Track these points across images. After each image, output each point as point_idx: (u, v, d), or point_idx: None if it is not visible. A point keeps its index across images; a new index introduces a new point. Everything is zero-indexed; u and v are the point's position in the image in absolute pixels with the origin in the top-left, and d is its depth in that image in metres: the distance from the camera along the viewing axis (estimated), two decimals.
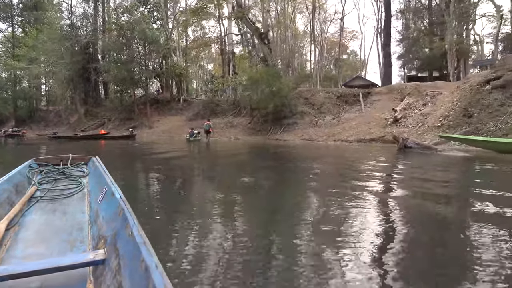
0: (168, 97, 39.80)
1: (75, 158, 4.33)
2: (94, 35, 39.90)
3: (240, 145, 19.91)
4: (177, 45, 39.38)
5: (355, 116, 22.42)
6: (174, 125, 32.84)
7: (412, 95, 20.88)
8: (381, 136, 18.08)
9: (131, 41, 33.12)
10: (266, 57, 25.75)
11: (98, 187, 3.16)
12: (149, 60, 35.25)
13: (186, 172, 9.58)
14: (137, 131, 32.26)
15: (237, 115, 30.39)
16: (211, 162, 12.49)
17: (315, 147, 17.79)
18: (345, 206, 4.61)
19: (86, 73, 39.26)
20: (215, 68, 61.76)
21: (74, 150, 5.83)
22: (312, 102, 25.18)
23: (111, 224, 2.29)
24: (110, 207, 2.51)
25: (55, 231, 2.48)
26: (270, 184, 7.09)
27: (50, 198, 3.13)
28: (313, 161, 11.34)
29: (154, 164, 11.42)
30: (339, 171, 9.10)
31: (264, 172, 8.99)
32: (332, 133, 21.03)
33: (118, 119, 37.06)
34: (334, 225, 3.76)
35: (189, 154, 16.27)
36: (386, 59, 35.17)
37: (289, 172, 9.05)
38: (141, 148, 20.00)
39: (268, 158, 13.05)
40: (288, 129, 23.94)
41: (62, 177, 3.69)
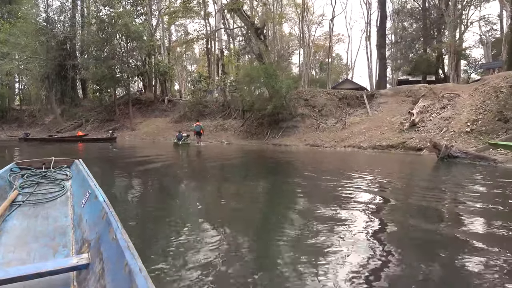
0: (152, 97, 37.58)
1: (58, 161, 4.24)
2: (72, 30, 37.24)
3: (234, 151, 18.02)
4: (161, 42, 37.24)
5: (361, 120, 20.85)
6: (158, 127, 30.73)
7: (427, 97, 19.45)
8: (400, 142, 16.40)
9: (112, 36, 30.78)
10: (262, 54, 23.95)
11: (81, 191, 3.15)
12: (131, 57, 32.94)
13: (174, 192, 7.63)
14: (118, 133, 30.06)
15: (227, 117, 28.53)
16: (204, 174, 10.58)
17: (325, 154, 16.02)
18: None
19: (63, 71, 36.54)
20: (199, 69, 59.67)
21: (45, 155, 5.05)
22: (313, 104, 23.48)
23: (94, 228, 2.29)
24: (94, 211, 2.51)
25: (37, 236, 2.46)
26: (284, 220, 4.87)
27: (32, 202, 3.08)
28: (334, 175, 9.28)
29: (138, 177, 9.49)
30: (386, 198, 6.38)
31: (273, 196, 6.85)
32: (340, 138, 19.34)
33: (97, 120, 34.61)
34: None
35: (177, 161, 14.35)
36: (381, 62, 33.86)
37: (308, 195, 6.69)
38: (123, 153, 17.93)
39: (272, 170, 11.19)
40: (287, 133, 22.16)
41: (44, 181, 3.62)
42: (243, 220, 4.86)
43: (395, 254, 3.42)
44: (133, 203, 5.96)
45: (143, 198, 6.60)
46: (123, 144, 25.17)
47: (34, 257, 2.19)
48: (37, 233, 2.52)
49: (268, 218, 5.05)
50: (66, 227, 2.63)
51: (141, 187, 7.89)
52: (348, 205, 5.45)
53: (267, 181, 8.61)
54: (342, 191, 6.72)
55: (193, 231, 4.15)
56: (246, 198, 6.51)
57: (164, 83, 37.05)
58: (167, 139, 26.94)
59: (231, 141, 23.19)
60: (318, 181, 8.07)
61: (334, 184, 7.51)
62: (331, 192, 6.74)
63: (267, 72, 21.53)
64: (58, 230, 2.58)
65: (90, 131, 32.39)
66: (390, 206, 5.75)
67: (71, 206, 3.06)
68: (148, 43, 32.25)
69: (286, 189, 7.34)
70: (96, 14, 31.23)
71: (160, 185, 8.31)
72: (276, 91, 21.39)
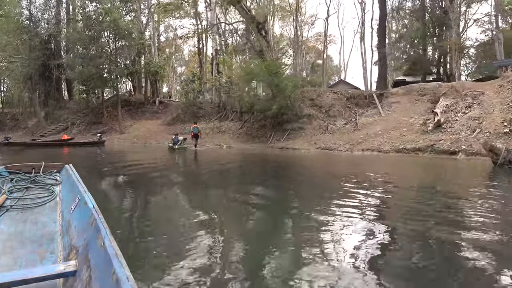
0: (142, 98, 35.70)
1: (48, 166, 4.18)
2: (56, 28, 35.12)
3: (236, 156, 16.42)
4: (152, 41, 35.44)
5: (374, 121, 19.40)
6: (150, 130, 28.93)
7: (449, 95, 18.10)
8: (427, 144, 14.91)
9: (100, 34, 28.87)
10: (264, 51, 22.34)
11: (71, 196, 3.11)
12: (120, 56, 31.03)
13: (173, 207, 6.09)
14: (107, 136, 28.19)
15: (224, 119, 26.90)
16: (203, 184, 8.99)
17: (344, 160, 14.45)
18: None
19: (47, 71, 34.41)
20: (189, 70, 57.97)
21: (26, 161, 4.59)
22: (319, 104, 21.93)
23: (83, 234, 2.26)
24: (83, 217, 2.47)
25: (24, 242, 2.41)
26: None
27: (20, 207, 3.03)
28: (376, 189, 7.57)
29: (130, 187, 7.89)
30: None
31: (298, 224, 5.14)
32: (355, 140, 17.79)
33: (84, 123, 32.57)
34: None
35: (174, 168, 12.72)
36: (381, 61, 32.62)
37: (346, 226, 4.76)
38: (112, 158, 16.20)
39: (286, 181, 9.67)
40: (293, 136, 20.56)
41: (33, 186, 3.57)
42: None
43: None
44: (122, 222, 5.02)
45: (135, 216, 5.60)
46: (112, 148, 23.40)
47: (21, 263, 2.15)
48: (25, 238, 2.47)
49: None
50: (54, 233, 2.60)
51: (132, 201, 6.58)
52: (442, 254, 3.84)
53: (287, 204, 6.70)
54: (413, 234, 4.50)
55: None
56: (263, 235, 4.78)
57: (155, 83, 35.23)
58: (160, 142, 25.20)
59: (230, 144, 21.52)
60: (359, 199, 6.49)
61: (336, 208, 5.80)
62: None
63: (270, 69, 19.93)
64: (46, 236, 2.55)
65: (76, 135, 30.43)
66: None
67: (60, 212, 3.02)
68: (138, 41, 30.41)
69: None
70: (82, 10, 29.18)
71: (156, 202, 6.72)
72: (280, 90, 19.81)
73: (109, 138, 27.76)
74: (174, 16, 47.71)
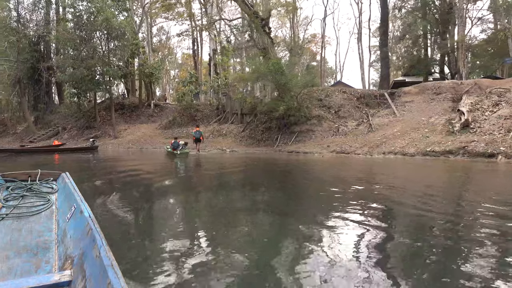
0: (136, 101, 34.35)
1: (44, 174, 4.14)
2: (46, 29, 33.60)
3: (242, 161, 15.12)
4: (146, 41, 34.10)
5: (389, 121, 18.22)
6: (145, 135, 27.60)
7: (472, 93, 17.03)
8: (459, 146, 13.50)
9: (92, 33, 27.46)
10: (267, 49, 21.10)
11: (67, 205, 3.09)
12: (114, 57, 29.61)
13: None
14: (100, 141, 26.82)
15: (223, 122, 25.67)
16: (214, 198, 7.77)
17: (369, 165, 13.06)
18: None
19: (37, 74, 32.87)
20: (183, 73, 56.82)
21: (13, 169, 4.70)
22: (328, 105, 20.71)
23: (78, 244, 2.25)
24: (79, 226, 2.45)
25: (20, 251, 2.40)
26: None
27: (16, 215, 2.99)
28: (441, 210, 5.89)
29: (126, 201, 6.64)
30: None
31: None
32: (372, 143, 16.49)
33: (76, 128, 31.12)
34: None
35: (175, 176, 11.46)
36: (384, 60, 31.58)
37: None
38: (106, 165, 14.91)
39: (311, 193, 8.44)
40: (302, 138, 19.28)
41: (29, 194, 3.55)
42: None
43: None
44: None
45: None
46: (106, 154, 22.06)
47: (15, 273, 2.12)
48: (20, 247, 2.44)
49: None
50: (50, 242, 2.56)
51: (131, 220, 5.51)
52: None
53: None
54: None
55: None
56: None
57: (149, 86, 33.82)
58: (157, 147, 23.87)
59: (233, 148, 20.19)
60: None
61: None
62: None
63: (278, 67, 18.68)
64: (42, 245, 2.51)
65: (67, 140, 29.02)
66: None
67: (56, 221, 2.97)
68: (132, 42, 29.05)
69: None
70: (73, 9, 27.71)
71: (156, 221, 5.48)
72: (287, 89, 18.57)
73: (102, 143, 26.42)
74: (167, 18, 46.88)
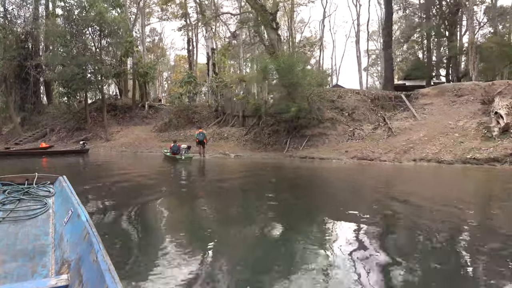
0: (129, 102, 32.71)
1: (41, 177, 4.12)
2: (34, 25, 31.79)
3: (252, 168, 13.68)
4: (141, 39, 32.55)
5: (411, 125, 16.91)
6: (139, 137, 26.02)
7: (506, 95, 15.83)
8: (506, 154, 12.12)
9: (83, 29, 25.84)
10: (275, 46, 19.70)
11: (64, 208, 3.06)
12: (107, 55, 27.99)
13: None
14: (91, 144, 25.22)
15: (224, 125, 24.23)
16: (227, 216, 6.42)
17: (404, 175, 11.67)
18: None
19: (24, 73, 31.07)
20: (175, 75, 55.39)
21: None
22: (340, 106, 19.33)
23: (75, 248, 2.24)
24: (76, 230, 2.44)
25: (16, 255, 2.38)
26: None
27: (13, 219, 2.95)
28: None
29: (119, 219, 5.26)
30: None
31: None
32: (398, 148, 15.02)
33: (65, 129, 29.35)
34: None
35: (180, 187, 10.02)
36: (388, 62, 30.41)
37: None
38: (98, 170, 13.40)
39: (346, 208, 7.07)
40: (315, 143, 17.82)
41: (26, 197, 3.49)
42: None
43: None
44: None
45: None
46: (97, 157, 20.50)
47: (12, 277, 2.10)
48: (17, 251, 2.42)
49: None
50: (47, 246, 2.53)
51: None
52: None
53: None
54: None
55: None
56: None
57: (144, 86, 32.19)
58: (153, 151, 22.32)
59: (237, 153, 18.74)
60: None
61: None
62: None
63: (290, 64, 17.27)
64: (38, 249, 2.48)
65: (56, 142, 27.33)
66: None
67: (53, 224, 2.91)
68: (126, 39, 27.47)
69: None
70: (63, 3, 26.00)
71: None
72: (299, 89, 17.16)
73: (93, 146, 24.83)
74: (160, 18, 45.42)
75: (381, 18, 49.85)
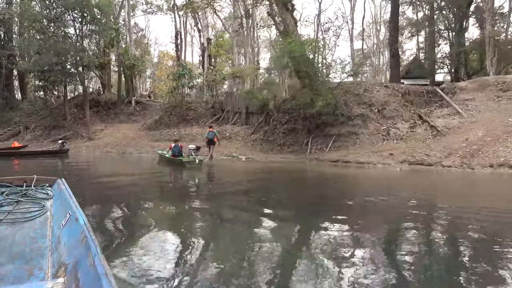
0: (113, 98, 29.72)
1: (40, 180, 3.98)
2: (8, 11, 28.33)
3: (274, 175, 11.16)
4: (127, 28, 29.56)
5: (460, 123, 14.51)
6: (127, 136, 23.17)
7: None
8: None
9: (63, 14, 22.78)
10: (289, 31, 17.08)
11: (61, 211, 2.97)
12: (90, 43, 24.94)
13: None
14: (71, 144, 22.25)
15: (224, 123, 21.65)
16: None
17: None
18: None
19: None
20: (160, 72, 52.39)
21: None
22: (368, 101, 16.79)
23: (72, 252, 2.18)
24: (73, 233, 2.38)
25: (13, 257, 2.31)
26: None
27: (10, 221, 2.84)
28: None
29: None
30: None
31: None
32: (461, 151, 12.40)
33: (41, 127, 26.14)
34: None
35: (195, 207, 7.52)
36: (394, 58, 28.38)
37: None
38: (78, 176, 10.65)
39: None
40: (344, 144, 15.26)
41: (24, 199, 3.37)
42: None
43: None
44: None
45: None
46: (79, 159, 17.78)
47: (8, 279, 2.04)
48: (13, 254, 2.34)
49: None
50: (44, 249, 2.46)
51: None
52: None
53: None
54: None
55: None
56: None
57: (130, 80, 29.24)
58: (143, 151, 19.58)
59: (246, 154, 16.12)
60: None
61: None
62: None
63: (316, 49, 14.78)
64: (35, 251, 2.41)
65: (30, 142, 24.22)
66: None
67: (50, 227, 2.83)
68: (111, 26, 24.51)
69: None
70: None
71: None
72: (324, 80, 14.66)
73: (74, 146, 21.89)
74: (145, 11, 42.63)
75: (374, 15, 48.63)
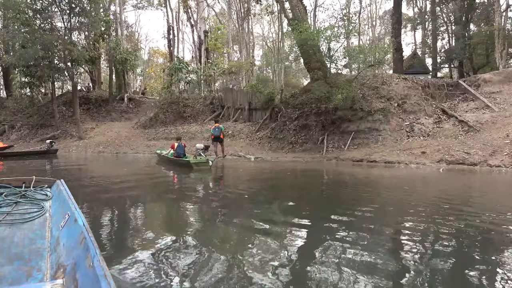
0: (104, 95, 28.21)
1: (39, 181, 3.97)
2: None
3: (289, 177, 9.91)
4: (119, 21, 28.02)
5: (493, 117, 13.43)
6: (120, 135, 21.76)
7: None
8: None
9: (50, 5, 21.17)
10: (299, 19, 15.76)
11: (60, 212, 2.95)
12: (79, 35, 23.37)
13: None
14: (60, 144, 20.80)
15: (224, 120, 20.34)
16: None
17: None
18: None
19: None
20: (151, 69, 50.94)
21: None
22: (387, 95, 15.48)
23: (71, 253, 2.17)
24: (72, 234, 2.36)
25: (11, 258, 2.29)
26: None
27: (9, 222, 2.82)
28: None
29: None
30: None
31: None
32: (508, 148, 11.09)
33: (27, 126, 24.56)
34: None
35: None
36: (397, 52, 27.35)
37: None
38: (68, 178, 9.32)
39: None
40: (364, 141, 14.05)
41: (23, 200, 3.35)
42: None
43: None
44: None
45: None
46: (69, 160, 16.35)
47: (6, 281, 2.02)
48: (12, 255, 2.32)
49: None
50: (43, 250, 2.44)
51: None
52: None
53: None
54: None
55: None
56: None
57: (122, 75, 27.74)
58: (139, 151, 18.23)
59: (254, 154, 14.85)
60: None
61: None
62: None
63: (334, 36, 13.54)
64: (34, 252, 2.39)
65: (16, 142, 22.69)
66: None
67: (49, 228, 2.80)
68: (102, 18, 22.99)
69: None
70: None
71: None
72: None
73: (63, 146, 20.49)
74: (135, 6, 41.15)
75: (369, 11, 47.67)
